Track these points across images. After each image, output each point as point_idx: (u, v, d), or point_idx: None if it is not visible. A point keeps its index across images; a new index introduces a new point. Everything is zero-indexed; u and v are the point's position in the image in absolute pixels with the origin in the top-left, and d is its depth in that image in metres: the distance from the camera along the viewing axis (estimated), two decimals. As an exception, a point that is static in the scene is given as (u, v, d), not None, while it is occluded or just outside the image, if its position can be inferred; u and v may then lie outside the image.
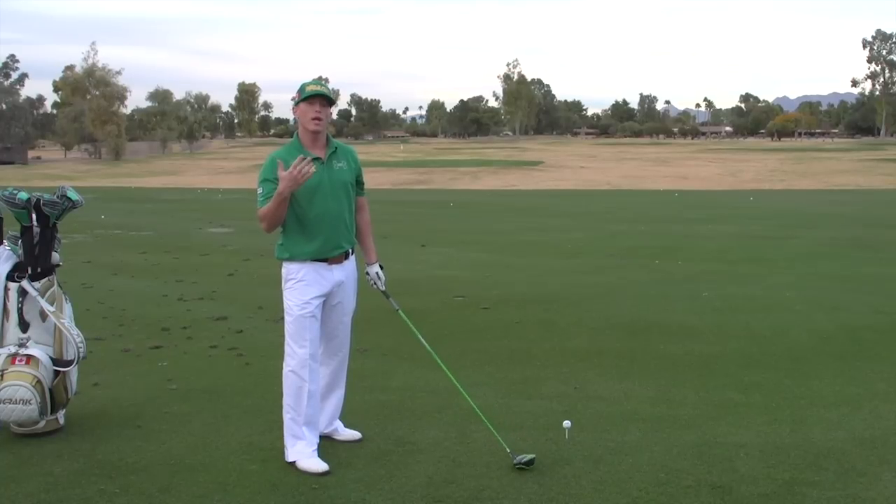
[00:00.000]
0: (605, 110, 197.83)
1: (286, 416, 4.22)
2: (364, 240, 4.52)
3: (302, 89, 4.18)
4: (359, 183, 4.38)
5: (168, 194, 34.64)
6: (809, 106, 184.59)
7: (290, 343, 4.19)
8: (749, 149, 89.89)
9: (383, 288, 4.51)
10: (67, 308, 4.84)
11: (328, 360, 4.43)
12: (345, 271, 4.30)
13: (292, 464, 4.15)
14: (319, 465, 4.09)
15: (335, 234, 4.20)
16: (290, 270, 4.19)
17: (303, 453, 4.15)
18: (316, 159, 4.11)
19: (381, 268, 4.53)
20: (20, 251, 4.73)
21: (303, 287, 4.16)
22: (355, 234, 4.42)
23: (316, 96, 4.13)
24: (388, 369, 6.07)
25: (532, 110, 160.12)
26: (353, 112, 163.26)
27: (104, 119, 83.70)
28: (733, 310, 8.28)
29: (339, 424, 4.59)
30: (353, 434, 4.58)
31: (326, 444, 4.40)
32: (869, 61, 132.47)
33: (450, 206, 25.59)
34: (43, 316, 4.68)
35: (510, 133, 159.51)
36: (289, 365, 4.20)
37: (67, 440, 4.57)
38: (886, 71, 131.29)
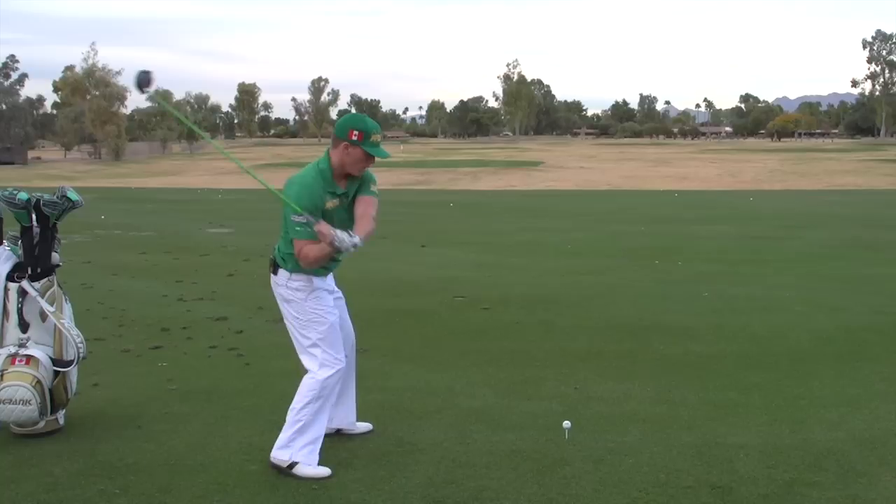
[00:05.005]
0: (605, 111, 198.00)
1: (310, 417, 4.10)
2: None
3: (366, 133, 3.99)
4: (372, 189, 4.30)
5: (168, 194, 34.64)
6: (809, 106, 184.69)
7: (327, 351, 4.13)
8: (749, 149, 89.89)
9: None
10: (67, 308, 4.84)
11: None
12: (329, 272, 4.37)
13: (290, 467, 4.06)
14: (324, 471, 4.07)
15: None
16: (303, 283, 4.13)
17: (311, 459, 4.11)
18: (343, 195, 4.10)
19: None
20: (20, 251, 4.73)
21: (323, 294, 4.19)
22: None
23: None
24: (389, 369, 6.08)
25: (532, 111, 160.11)
26: (353, 112, 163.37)
27: (104, 119, 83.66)
28: (733, 310, 8.28)
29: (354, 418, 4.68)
30: (365, 426, 4.68)
31: (326, 444, 4.40)
32: (869, 62, 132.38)
33: (450, 207, 25.58)
34: (43, 316, 4.68)
35: (510, 133, 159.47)
36: (327, 373, 4.11)
37: (67, 440, 4.57)
38: (886, 71, 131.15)
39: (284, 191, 4.02)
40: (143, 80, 3.83)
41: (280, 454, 4.11)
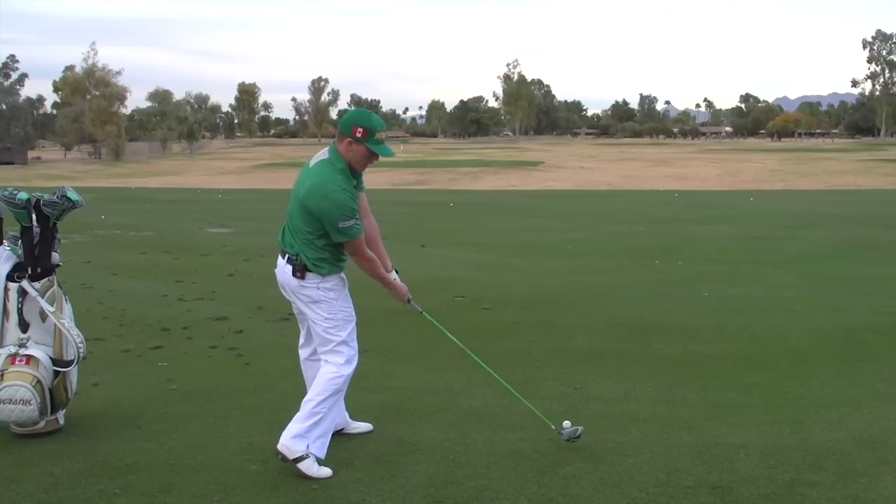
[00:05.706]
0: (605, 111, 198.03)
1: (327, 410, 4.13)
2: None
3: (371, 130, 4.00)
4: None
5: (168, 194, 34.60)
6: (809, 106, 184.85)
7: (352, 346, 4.24)
8: (749, 149, 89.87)
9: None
10: (67, 308, 4.84)
11: None
12: None
13: (298, 459, 4.03)
14: (327, 472, 4.07)
15: None
16: (335, 283, 4.18)
17: (322, 451, 4.12)
18: (356, 186, 4.17)
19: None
20: (20, 251, 4.73)
21: (348, 293, 4.28)
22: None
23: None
24: (389, 369, 6.08)
25: (532, 111, 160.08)
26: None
27: (104, 119, 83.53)
28: (733, 310, 8.28)
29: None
30: (365, 426, 4.69)
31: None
32: (869, 62, 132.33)
33: (450, 207, 25.57)
34: (43, 316, 4.68)
35: (510, 133, 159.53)
36: (350, 368, 4.22)
37: (67, 440, 4.57)
38: (886, 71, 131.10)
39: (317, 202, 3.97)
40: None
41: (295, 444, 4.04)
